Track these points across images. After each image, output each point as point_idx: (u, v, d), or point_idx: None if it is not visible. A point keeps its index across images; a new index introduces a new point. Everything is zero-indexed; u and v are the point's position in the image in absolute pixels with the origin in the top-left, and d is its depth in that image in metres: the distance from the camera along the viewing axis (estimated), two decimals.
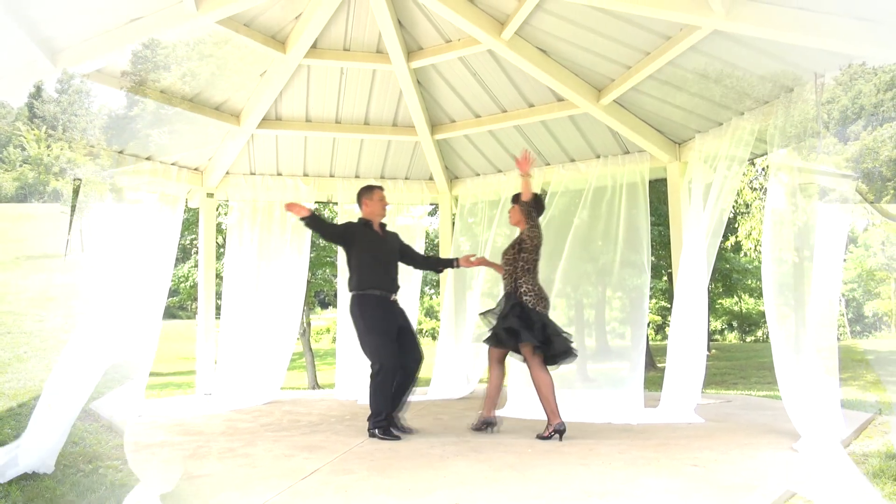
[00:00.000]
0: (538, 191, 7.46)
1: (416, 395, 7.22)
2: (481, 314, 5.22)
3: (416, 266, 5.66)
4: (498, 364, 5.11)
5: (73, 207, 6.15)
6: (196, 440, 4.84)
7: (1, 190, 34.16)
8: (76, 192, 6.52)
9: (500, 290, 7.47)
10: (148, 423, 5.63)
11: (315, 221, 5.02)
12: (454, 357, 7.61)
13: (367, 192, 5.22)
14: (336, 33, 6.19)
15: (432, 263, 5.73)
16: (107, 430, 5.07)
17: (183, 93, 6.34)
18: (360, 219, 5.24)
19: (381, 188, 5.29)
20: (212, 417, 5.95)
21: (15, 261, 19.69)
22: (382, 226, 5.28)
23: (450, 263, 5.59)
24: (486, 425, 5.03)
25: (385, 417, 4.82)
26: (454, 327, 7.73)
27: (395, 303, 5.11)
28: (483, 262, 5.68)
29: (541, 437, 4.68)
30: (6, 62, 4.87)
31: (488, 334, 5.09)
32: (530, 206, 5.09)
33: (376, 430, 4.79)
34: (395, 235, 5.43)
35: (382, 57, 6.44)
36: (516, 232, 7.41)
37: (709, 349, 6.01)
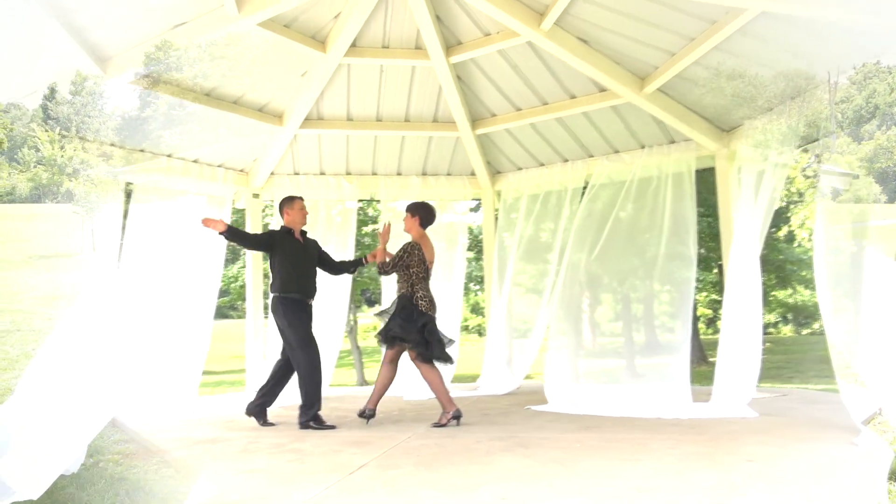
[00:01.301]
0: (581, 183, 7.37)
1: (467, 391, 7.21)
2: (377, 314, 5.62)
3: (333, 271, 5.84)
4: (391, 362, 5.35)
5: (126, 212, 6.44)
6: (247, 436, 4.92)
7: (15, 190, 34.83)
8: (129, 195, 6.72)
9: (544, 285, 7.46)
10: (200, 419, 5.75)
11: (233, 233, 5.31)
12: (500, 353, 7.57)
13: (287, 203, 5.54)
14: (375, 31, 6.21)
15: (345, 266, 5.91)
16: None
17: (226, 96, 6.45)
18: (282, 227, 5.55)
19: (301, 199, 5.58)
20: None
21: (27, 260, 20.26)
22: (303, 233, 5.59)
23: (359, 262, 5.88)
24: (363, 415, 5.29)
25: (318, 408, 5.18)
26: (498, 324, 7.69)
27: (310, 307, 5.41)
28: (380, 253, 5.68)
29: (437, 424, 5.07)
30: (56, 67, 5.05)
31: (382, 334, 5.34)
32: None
33: (311, 422, 5.13)
34: (314, 242, 5.71)
35: (421, 53, 6.44)
36: (559, 227, 7.35)
37: (763, 342, 5.84)
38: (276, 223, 7.66)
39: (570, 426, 4.96)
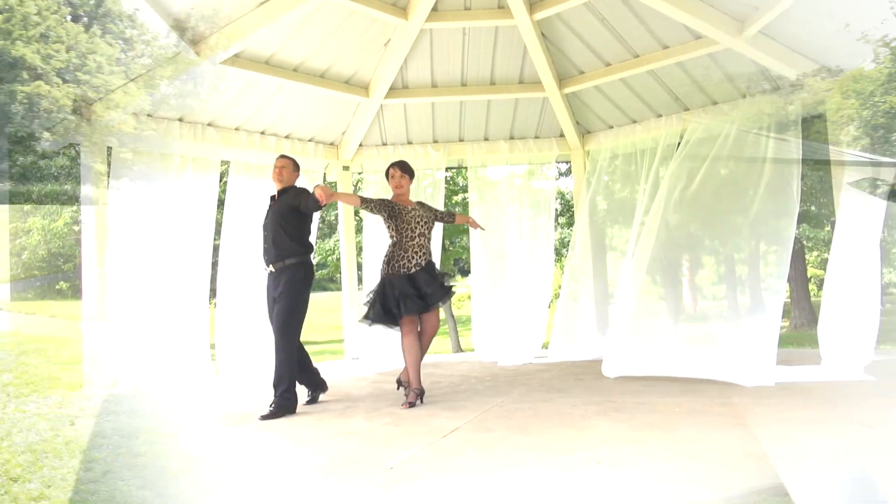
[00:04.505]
0: (675, 139, 7.01)
1: (548, 357, 7.06)
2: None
3: None
4: (416, 332, 4.96)
5: (224, 192, 6.84)
6: (345, 401, 5.07)
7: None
8: (222, 175, 7.03)
9: (636, 249, 7.18)
10: (300, 388, 5.96)
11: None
12: (591, 318, 7.40)
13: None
14: None
15: None
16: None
17: (313, 70, 6.54)
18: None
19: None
20: (359, 380, 6.22)
21: None
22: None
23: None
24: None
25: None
26: (592, 288, 7.50)
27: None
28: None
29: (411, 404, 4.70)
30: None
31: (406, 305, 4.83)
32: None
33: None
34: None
35: (504, 12, 6.27)
36: (651, 185, 7.01)
37: (882, 303, 5.41)
38: (372, 193, 7.81)
39: (668, 390, 4.80)
